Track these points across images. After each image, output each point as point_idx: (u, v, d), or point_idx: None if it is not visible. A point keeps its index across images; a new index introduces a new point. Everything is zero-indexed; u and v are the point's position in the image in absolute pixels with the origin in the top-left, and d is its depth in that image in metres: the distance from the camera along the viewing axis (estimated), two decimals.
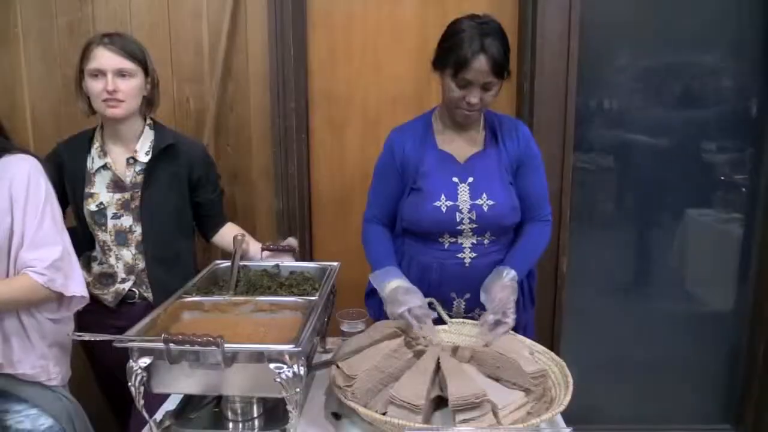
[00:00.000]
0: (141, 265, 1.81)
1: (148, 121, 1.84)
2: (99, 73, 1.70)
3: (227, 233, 1.93)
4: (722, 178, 2.46)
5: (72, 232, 1.55)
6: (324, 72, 2.38)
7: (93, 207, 1.77)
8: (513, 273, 1.61)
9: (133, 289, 1.82)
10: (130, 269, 1.81)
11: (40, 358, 1.46)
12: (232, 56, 2.24)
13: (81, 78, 1.74)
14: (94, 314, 1.73)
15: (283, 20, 2.22)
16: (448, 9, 2.28)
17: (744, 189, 2.47)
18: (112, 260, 1.80)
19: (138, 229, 1.80)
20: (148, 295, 1.82)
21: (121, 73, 1.71)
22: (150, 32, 2.22)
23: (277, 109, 2.26)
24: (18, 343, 1.42)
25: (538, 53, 2.21)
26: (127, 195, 1.79)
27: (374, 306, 1.78)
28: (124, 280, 1.82)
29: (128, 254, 1.80)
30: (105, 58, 1.69)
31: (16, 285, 1.39)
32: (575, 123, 2.26)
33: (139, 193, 1.79)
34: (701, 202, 2.50)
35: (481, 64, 1.53)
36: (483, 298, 1.60)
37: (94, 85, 1.70)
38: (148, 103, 1.82)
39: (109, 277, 1.81)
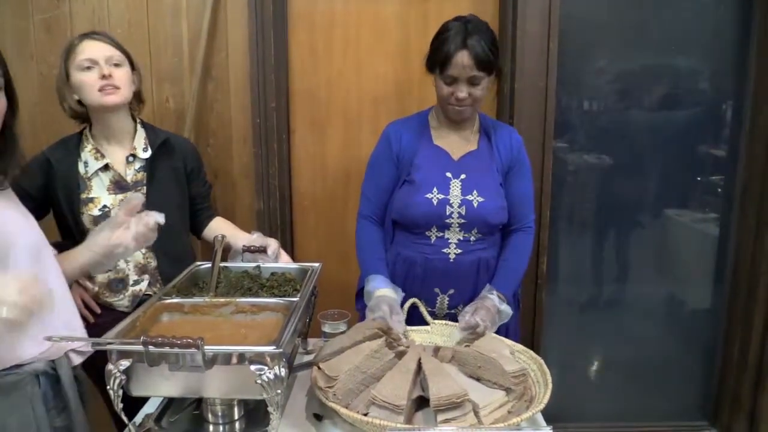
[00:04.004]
0: (153, 263, 1.79)
1: (138, 120, 1.84)
2: (91, 63, 1.67)
3: (217, 227, 1.92)
4: (699, 178, 2.50)
5: (58, 246, 1.45)
6: (305, 72, 2.37)
7: (96, 212, 1.72)
8: (503, 309, 1.63)
9: (149, 292, 1.79)
10: (142, 269, 1.79)
11: None
12: (212, 55, 2.23)
13: (67, 78, 1.69)
14: (108, 324, 1.68)
15: (264, 19, 2.21)
16: (430, 9, 2.29)
17: (720, 189, 2.51)
18: (122, 263, 1.76)
19: None
20: None
21: (112, 61, 1.69)
22: (128, 31, 2.19)
23: (258, 108, 2.25)
24: None
25: (518, 54, 2.22)
26: (129, 194, 1.76)
27: (364, 308, 1.79)
28: (137, 282, 1.79)
29: (139, 254, 1.77)
30: (94, 47, 1.68)
31: None
32: (555, 124, 2.29)
33: (143, 191, 1.76)
34: (678, 202, 2.53)
35: (463, 59, 1.59)
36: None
37: (87, 77, 1.67)
38: (138, 98, 1.82)
39: (119, 282, 1.77)
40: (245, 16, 2.19)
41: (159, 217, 1.39)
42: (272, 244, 1.71)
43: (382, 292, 1.65)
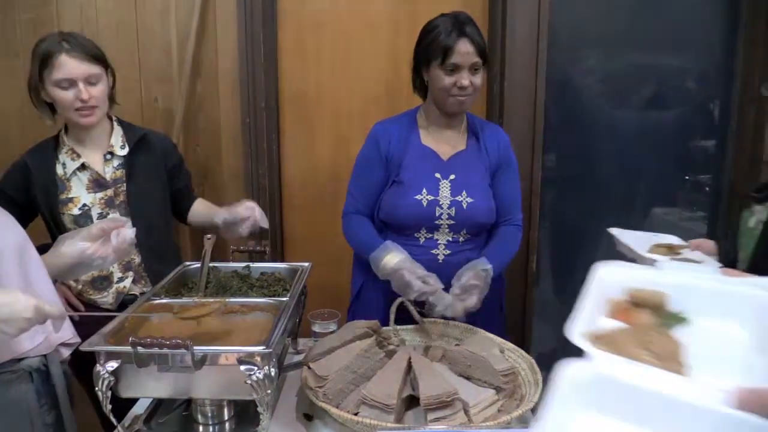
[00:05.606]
0: (137, 260, 1.79)
1: (114, 119, 1.82)
2: (69, 84, 1.63)
3: (196, 209, 1.93)
4: (687, 177, 2.52)
5: (44, 249, 1.44)
6: (294, 72, 2.37)
7: (76, 211, 1.71)
8: (488, 267, 1.62)
9: (133, 289, 1.78)
10: (126, 266, 1.78)
11: None
12: (201, 55, 2.22)
13: (41, 86, 1.67)
14: (91, 322, 1.67)
15: (253, 19, 2.20)
16: (419, 9, 2.29)
17: (707, 188, 2.53)
18: None
19: None
20: (147, 290, 1.77)
21: (90, 80, 1.66)
22: (117, 31, 2.18)
23: (248, 108, 2.25)
24: None
25: (507, 54, 2.23)
26: (109, 191, 1.75)
27: (358, 311, 1.79)
28: (121, 279, 1.78)
29: None
30: (73, 66, 1.63)
31: None
32: (544, 124, 2.29)
33: (123, 188, 1.76)
34: (666, 201, 2.55)
35: (465, 46, 1.61)
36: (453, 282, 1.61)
37: (64, 96, 1.64)
38: (111, 100, 1.79)
39: (104, 280, 1.76)
40: (234, 15, 2.18)
41: (131, 232, 1.40)
42: (245, 212, 1.67)
43: (395, 258, 1.60)
